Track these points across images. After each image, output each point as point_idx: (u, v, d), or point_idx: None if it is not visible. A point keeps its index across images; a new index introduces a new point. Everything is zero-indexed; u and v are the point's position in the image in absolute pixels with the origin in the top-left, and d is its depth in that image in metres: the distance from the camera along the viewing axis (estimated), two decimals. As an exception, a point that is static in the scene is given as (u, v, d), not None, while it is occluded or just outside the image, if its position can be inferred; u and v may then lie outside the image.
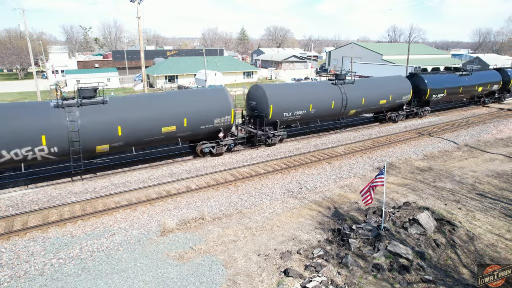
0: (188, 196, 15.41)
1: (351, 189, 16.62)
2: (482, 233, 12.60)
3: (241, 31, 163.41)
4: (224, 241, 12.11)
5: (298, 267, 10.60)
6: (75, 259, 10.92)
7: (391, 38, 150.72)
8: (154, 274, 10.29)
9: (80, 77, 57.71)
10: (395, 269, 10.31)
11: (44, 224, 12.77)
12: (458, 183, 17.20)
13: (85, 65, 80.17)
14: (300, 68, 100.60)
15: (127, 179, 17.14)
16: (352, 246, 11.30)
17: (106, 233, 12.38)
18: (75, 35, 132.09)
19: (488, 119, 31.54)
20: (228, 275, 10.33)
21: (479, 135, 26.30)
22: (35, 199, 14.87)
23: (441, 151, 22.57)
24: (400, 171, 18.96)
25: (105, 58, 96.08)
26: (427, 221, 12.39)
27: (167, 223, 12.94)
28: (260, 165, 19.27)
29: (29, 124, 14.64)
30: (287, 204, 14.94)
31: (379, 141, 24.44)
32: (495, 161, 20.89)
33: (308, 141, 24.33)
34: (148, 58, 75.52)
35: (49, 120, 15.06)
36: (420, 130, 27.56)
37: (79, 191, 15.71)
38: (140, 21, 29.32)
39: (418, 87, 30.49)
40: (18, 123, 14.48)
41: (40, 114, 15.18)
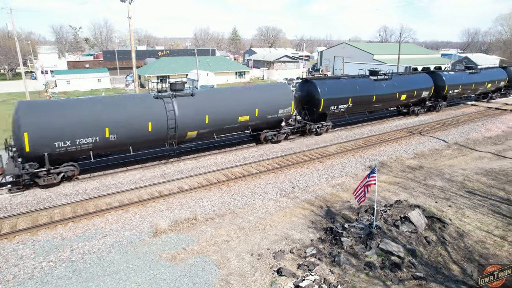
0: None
1: (343, 188, 16.73)
2: (471, 230, 12.80)
3: (233, 31, 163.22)
4: (217, 241, 12.09)
5: (291, 266, 10.63)
6: (66, 262, 10.78)
7: (382, 38, 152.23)
8: (147, 276, 10.22)
9: (70, 78, 57.07)
10: (387, 267, 10.41)
11: (34, 227, 12.58)
12: (448, 181, 17.44)
13: (75, 65, 79.15)
14: (292, 68, 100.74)
15: (119, 180, 16.99)
16: (345, 245, 11.38)
17: (98, 235, 12.25)
18: (65, 35, 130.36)
19: (477, 117, 32.04)
20: (221, 275, 10.31)
21: (468, 133, 26.69)
22: (24, 202, 14.64)
23: (431, 150, 22.85)
24: (391, 169, 19.15)
25: (95, 58, 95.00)
26: (418, 219, 12.54)
27: (160, 224, 12.86)
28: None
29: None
30: (280, 204, 14.98)
31: (370, 140, 24.64)
32: (484, 159, 21.24)
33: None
34: (139, 58, 74.87)
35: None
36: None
37: (69, 193, 15.51)
38: (131, 21, 29.09)
39: (312, 96, 24.43)
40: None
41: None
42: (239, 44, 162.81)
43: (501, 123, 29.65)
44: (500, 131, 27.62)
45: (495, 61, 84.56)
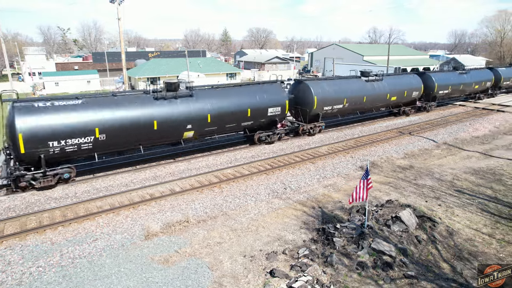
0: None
1: (335, 188, 16.83)
2: (460, 228, 13.00)
3: (223, 33, 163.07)
4: (210, 243, 12.03)
5: (284, 267, 10.64)
6: (56, 267, 10.60)
7: (371, 39, 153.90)
8: (139, 279, 10.11)
9: (59, 80, 56.22)
10: (379, 266, 10.50)
11: (22, 232, 12.34)
12: (437, 180, 17.69)
13: (64, 67, 78.08)
14: (283, 69, 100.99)
15: (110, 183, 16.80)
16: (337, 245, 11.44)
17: (88, 239, 12.08)
18: (53, 36, 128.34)
19: (465, 117, 32.60)
20: (214, 277, 10.27)
21: (457, 133, 27.14)
22: (12, 206, 14.35)
23: (421, 150, 23.16)
24: (382, 169, 19.34)
25: (85, 60, 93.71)
26: (409, 218, 12.69)
27: (151, 227, 12.75)
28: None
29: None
30: (272, 205, 14.99)
31: (361, 140, 24.86)
32: (472, 158, 21.61)
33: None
34: (129, 59, 74.19)
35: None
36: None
37: (59, 197, 15.27)
38: (121, 23, 28.83)
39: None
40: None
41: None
42: (230, 45, 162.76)
43: (488, 123, 30.25)
44: (487, 131, 28.17)
45: (482, 62, 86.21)
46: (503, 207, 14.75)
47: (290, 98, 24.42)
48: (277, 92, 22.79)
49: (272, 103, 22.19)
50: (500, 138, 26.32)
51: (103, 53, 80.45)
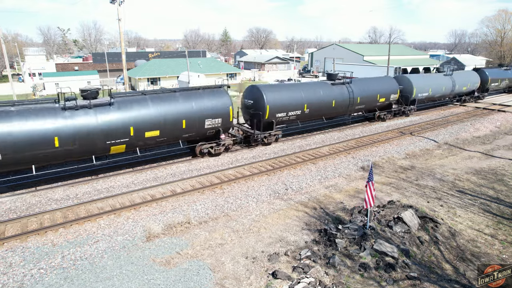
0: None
1: (336, 189, 16.79)
2: (463, 229, 12.96)
3: (223, 33, 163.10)
4: (211, 244, 12.00)
5: (286, 268, 10.60)
6: (57, 269, 10.57)
7: (371, 39, 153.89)
8: (140, 281, 10.07)
9: (59, 80, 56.15)
10: (381, 268, 10.46)
11: (23, 233, 12.31)
12: (439, 181, 17.66)
13: (64, 67, 78.07)
14: (283, 69, 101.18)
15: (111, 184, 16.76)
16: (339, 246, 11.40)
17: (90, 241, 12.05)
18: (53, 37, 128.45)
19: (466, 117, 32.55)
20: (216, 279, 10.23)
21: (458, 133, 27.10)
22: (13, 208, 14.33)
23: (422, 150, 23.13)
24: (383, 170, 19.31)
25: (85, 60, 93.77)
26: (411, 219, 12.65)
27: (153, 228, 12.71)
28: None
29: None
30: (273, 206, 14.96)
31: (362, 140, 24.79)
32: (473, 158, 21.58)
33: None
34: (129, 60, 74.19)
35: None
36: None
37: (60, 198, 15.24)
38: (121, 23, 28.78)
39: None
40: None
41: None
42: (230, 45, 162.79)
43: (489, 123, 30.20)
44: (488, 131, 28.12)
45: (482, 62, 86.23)
46: (505, 208, 14.72)
47: (246, 104, 22.66)
48: (219, 99, 19.71)
49: (212, 112, 19.25)
50: (501, 138, 26.29)
51: (103, 54, 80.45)
